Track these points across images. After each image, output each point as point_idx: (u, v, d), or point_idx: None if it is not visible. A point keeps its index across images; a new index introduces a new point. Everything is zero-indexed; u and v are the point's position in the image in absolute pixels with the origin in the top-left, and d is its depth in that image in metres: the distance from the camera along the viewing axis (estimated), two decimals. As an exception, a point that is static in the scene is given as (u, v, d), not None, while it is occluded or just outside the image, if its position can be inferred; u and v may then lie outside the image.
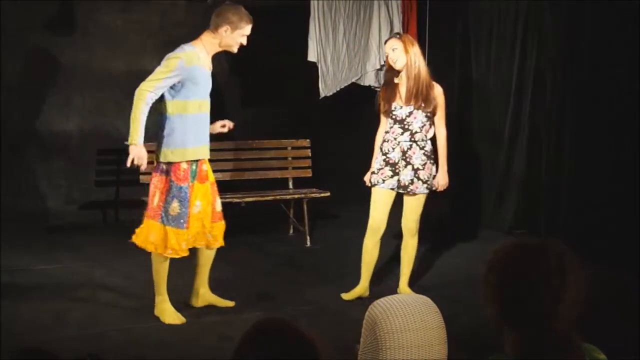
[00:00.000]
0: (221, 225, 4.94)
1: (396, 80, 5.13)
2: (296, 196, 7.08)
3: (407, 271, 5.33)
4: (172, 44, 7.73)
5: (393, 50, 5.08)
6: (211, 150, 4.92)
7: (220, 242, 4.96)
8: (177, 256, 4.72)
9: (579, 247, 2.12)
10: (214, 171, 5.23)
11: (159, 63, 4.65)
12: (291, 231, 7.38)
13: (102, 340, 4.44)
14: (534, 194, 6.90)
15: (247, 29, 4.74)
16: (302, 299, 5.31)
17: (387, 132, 5.19)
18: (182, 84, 4.60)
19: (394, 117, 5.14)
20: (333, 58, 7.64)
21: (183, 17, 7.76)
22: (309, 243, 6.99)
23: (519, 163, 7.01)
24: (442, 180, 5.20)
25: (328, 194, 7.11)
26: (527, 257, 1.81)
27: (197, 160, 4.74)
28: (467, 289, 4.88)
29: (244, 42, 4.77)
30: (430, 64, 5.32)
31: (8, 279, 5.46)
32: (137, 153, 4.55)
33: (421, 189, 5.13)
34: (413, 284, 5.38)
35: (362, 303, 4.99)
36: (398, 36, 5.20)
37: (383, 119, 5.25)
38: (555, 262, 1.79)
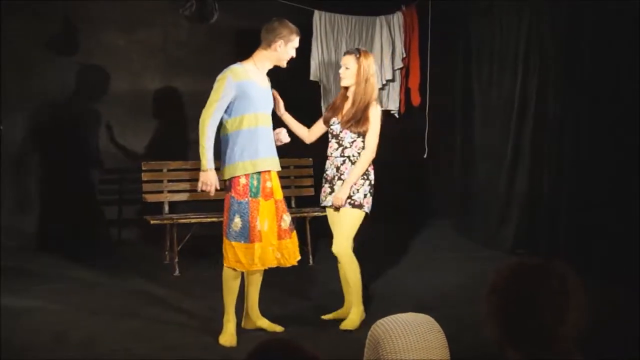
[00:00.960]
0: (288, 243, 4.86)
1: (347, 94, 5.10)
2: (299, 215, 7.07)
3: (349, 297, 5.15)
4: (174, 64, 7.89)
5: (346, 68, 5.03)
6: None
7: (291, 261, 4.87)
8: (247, 269, 4.73)
9: (580, 263, 2.10)
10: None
11: (160, 83, 4.66)
12: (293, 250, 7.36)
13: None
14: (536, 213, 6.87)
15: (297, 41, 4.80)
16: (305, 318, 5.29)
17: (328, 147, 5.16)
18: (235, 100, 4.61)
19: (331, 131, 5.12)
20: (336, 77, 7.67)
21: (185, 38, 7.80)
22: (311, 262, 6.98)
23: (521, 182, 7.00)
24: (337, 194, 4.96)
25: (330, 212, 7.08)
26: (529, 277, 1.81)
27: (258, 175, 4.70)
28: (470, 308, 4.84)
29: (294, 54, 4.83)
30: (432, 82, 5.29)
31: (7, 298, 5.45)
32: (204, 178, 4.57)
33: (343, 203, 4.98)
34: (415, 303, 5.35)
35: (365, 323, 4.97)
36: (357, 55, 5.02)
37: None
38: (558, 282, 1.78)
